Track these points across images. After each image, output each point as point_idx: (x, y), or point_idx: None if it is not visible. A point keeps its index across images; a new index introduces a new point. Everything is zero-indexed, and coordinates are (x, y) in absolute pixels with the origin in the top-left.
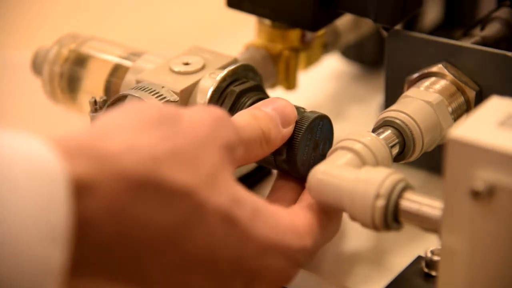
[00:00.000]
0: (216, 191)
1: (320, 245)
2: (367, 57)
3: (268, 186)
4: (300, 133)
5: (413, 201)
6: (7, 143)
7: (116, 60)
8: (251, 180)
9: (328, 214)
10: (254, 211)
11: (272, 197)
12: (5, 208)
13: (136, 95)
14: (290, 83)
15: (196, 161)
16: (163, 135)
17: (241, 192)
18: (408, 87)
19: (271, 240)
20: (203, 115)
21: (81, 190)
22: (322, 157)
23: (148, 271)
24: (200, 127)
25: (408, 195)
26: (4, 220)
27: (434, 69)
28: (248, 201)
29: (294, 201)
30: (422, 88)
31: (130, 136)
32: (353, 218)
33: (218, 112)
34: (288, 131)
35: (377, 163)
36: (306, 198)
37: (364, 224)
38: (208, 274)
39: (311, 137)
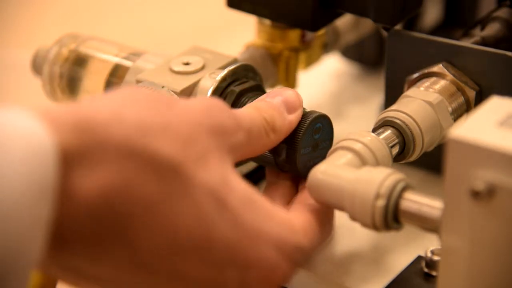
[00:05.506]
0: (205, 169)
1: (314, 246)
2: (367, 57)
3: None
4: (300, 133)
5: (413, 201)
6: None
7: (116, 60)
8: (251, 180)
9: (323, 216)
10: (246, 199)
11: (266, 193)
12: None
13: None
14: (290, 83)
15: (186, 138)
16: (155, 111)
17: (233, 178)
18: (408, 87)
19: (264, 231)
20: (198, 102)
21: (68, 159)
22: (322, 157)
23: (135, 248)
24: (194, 110)
25: (408, 195)
26: None
27: (434, 69)
28: (240, 188)
29: (287, 194)
30: (422, 88)
31: (120, 107)
32: (353, 218)
33: (213, 100)
34: (295, 117)
35: (377, 163)
36: (303, 198)
37: (364, 224)
38: (202, 259)
39: (311, 137)
